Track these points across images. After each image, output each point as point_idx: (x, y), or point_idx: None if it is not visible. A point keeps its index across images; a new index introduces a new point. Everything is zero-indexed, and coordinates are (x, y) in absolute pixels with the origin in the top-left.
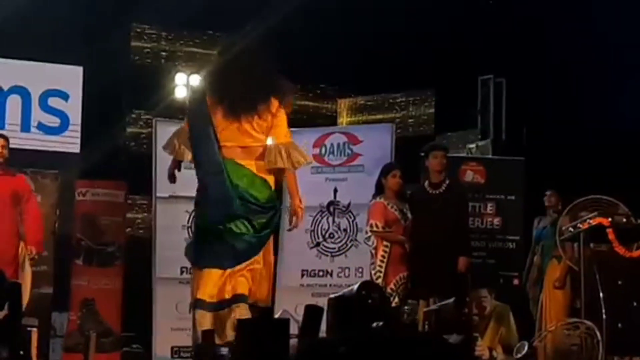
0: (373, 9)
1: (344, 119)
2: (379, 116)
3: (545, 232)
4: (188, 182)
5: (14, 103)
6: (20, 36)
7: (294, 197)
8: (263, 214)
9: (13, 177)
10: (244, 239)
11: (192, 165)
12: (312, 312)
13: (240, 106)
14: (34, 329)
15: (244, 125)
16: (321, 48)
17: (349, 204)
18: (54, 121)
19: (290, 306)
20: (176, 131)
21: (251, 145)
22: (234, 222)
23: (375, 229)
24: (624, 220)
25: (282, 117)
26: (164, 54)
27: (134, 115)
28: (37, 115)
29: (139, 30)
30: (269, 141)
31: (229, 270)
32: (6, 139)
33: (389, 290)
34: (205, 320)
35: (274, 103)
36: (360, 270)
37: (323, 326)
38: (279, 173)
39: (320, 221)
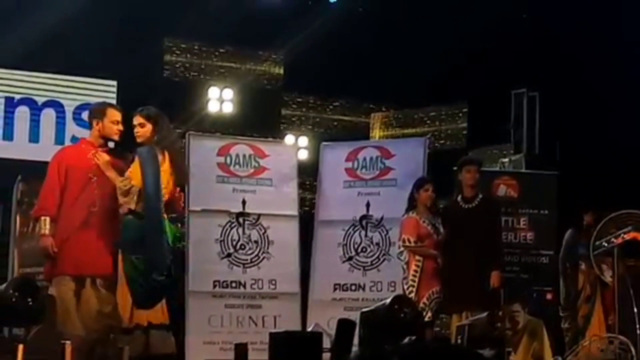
0: (406, 24)
1: (376, 133)
2: (412, 130)
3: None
4: (220, 196)
5: (48, 117)
6: (54, 51)
7: None
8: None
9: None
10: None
11: (224, 180)
12: (344, 326)
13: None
14: (68, 342)
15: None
16: (354, 63)
17: (381, 218)
18: (87, 135)
19: (322, 320)
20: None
21: None
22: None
23: (407, 243)
24: None
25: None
26: (196, 68)
27: None
28: (71, 129)
29: (171, 44)
30: None
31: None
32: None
33: (421, 304)
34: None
35: None
36: (392, 284)
37: (355, 340)
38: None
39: (352, 235)
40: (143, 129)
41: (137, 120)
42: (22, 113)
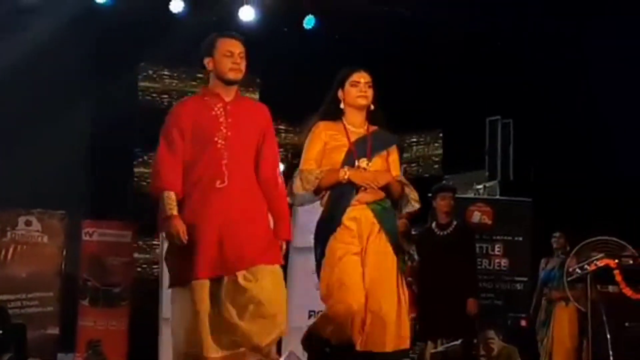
0: (381, 51)
1: None
2: None
3: (554, 274)
4: None
5: None
6: (29, 77)
7: None
8: None
9: (253, 105)
10: None
11: None
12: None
13: None
14: None
15: None
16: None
17: None
18: None
19: (297, 348)
20: None
21: None
22: None
23: None
24: (631, 262)
25: None
26: (171, 93)
27: (141, 155)
28: None
29: (146, 70)
30: None
31: None
32: (244, 44)
33: None
34: None
35: None
36: None
37: None
38: None
39: None
40: (371, 91)
41: (365, 78)
42: None
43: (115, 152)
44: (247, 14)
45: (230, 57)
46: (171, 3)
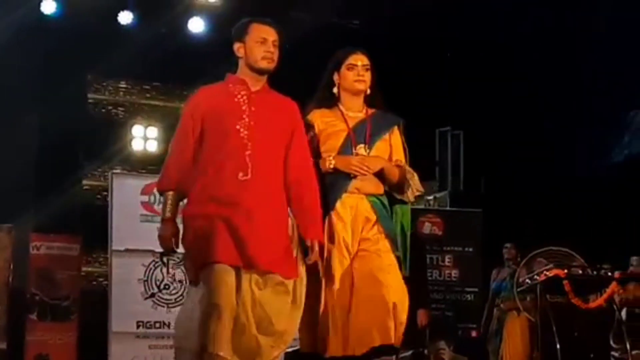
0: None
1: None
2: None
3: (505, 284)
4: (144, 235)
5: None
6: None
7: None
8: None
9: (282, 98)
10: None
11: (148, 219)
12: None
13: None
14: None
15: None
16: None
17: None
18: None
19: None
20: None
21: None
22: None
23: None
24: (580, 272)
25: None
26: (120, 105)
27: (90, 168)
28: None
29: (95, 82)
30: None
31: None
32: (280, 33)
33: None
34: None
35: None
36: None
37: None
38: None
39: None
40: (369, 74)
41: (363, 60)
42: None
43: (63, 164)
44: (196, 25)
45: (263, 44)
46: (120, 14)
